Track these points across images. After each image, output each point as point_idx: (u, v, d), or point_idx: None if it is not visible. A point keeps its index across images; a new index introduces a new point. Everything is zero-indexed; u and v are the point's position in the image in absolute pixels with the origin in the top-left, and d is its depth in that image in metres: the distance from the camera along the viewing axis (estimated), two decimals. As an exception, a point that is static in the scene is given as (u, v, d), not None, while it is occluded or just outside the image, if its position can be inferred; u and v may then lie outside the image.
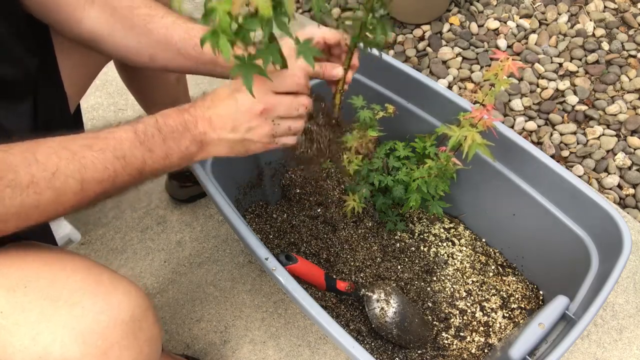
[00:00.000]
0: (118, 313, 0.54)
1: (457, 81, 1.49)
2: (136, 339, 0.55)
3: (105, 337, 0.53)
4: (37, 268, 0.55)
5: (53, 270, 0.55)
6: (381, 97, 1.07)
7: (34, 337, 0.50)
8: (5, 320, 0.51)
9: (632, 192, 1.27)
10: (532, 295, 1.04)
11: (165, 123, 0.60)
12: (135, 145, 0.57)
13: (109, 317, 0.53)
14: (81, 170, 0.53)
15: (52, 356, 0.50)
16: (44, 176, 0.51)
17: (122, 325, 0.54)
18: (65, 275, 0.55)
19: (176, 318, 1.08)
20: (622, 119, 1.36)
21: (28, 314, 0.51)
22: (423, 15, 1.61)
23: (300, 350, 1.03)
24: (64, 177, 0.52)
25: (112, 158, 0.55)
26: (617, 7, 1.60)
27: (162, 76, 1.00)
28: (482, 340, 0.99)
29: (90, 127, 1.41)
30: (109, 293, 0.55)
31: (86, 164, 0.54)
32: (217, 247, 1.18)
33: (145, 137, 0.58)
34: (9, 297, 0.52)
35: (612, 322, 1.05)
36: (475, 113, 0.86)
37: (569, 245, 0.92)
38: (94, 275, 0.56)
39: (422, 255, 1.09)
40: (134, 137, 0.57)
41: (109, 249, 1.18)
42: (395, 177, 1.00)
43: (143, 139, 0.58)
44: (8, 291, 0.52)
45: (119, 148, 0.56)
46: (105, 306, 0.54)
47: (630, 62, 1.47)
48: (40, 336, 0.51)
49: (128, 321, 0.55)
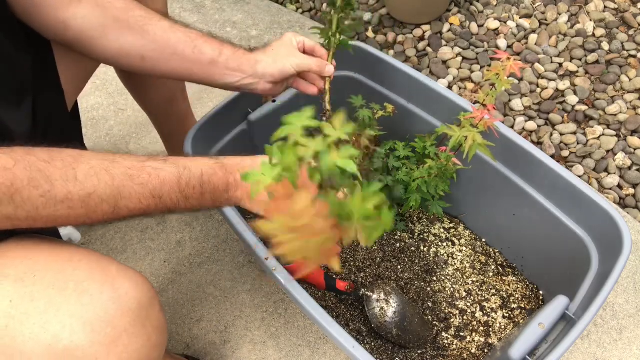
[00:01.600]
0: (126, 301, 0.55)
1: (457, 81, 1.49)
2: (144, 326, 0.56)
3: (114, 325, 0.53)
4: (44, 258, 0.56)
5: (60, 260, 0.56)
6: (381, 97, 1.07)
7: (43, 326, 0.51)
8: (14, 310, 0.51)
9: (632, 192, 1.27)
10: (532, 295, 1.04)
11: (209, 181, 0.62)
12: (175, 190, 0.59)
13: (117, 305, 0.54)
14: (117, 197, 0.55)
15: (61, 344, 0.51)
16: (80, 195, 0.53)
17: (130, 313, 0.54)
18: (72, 264, 0.55)
19: (176, 318, 1.08)
20: (622, 119, 1.36)
21: (37, 303, 0.52)
22: (423, 15, 1.61)
23: (300, 350, 1.03)
24: (99, 200, 0.54)
25: (149, 195, 0.57)
26: (617, 7, 1.60)
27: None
28: (482, 340, 0.99)
29: (90, 127, 1.41)
30: (116, 282, 0.55)
31: (123, 193, 0.55)
32: (217, 247, 1.18)
33: (186, 187, 0.60)
34: (17, 286, 0.52)
35: (612, 322, 1.05)
36: (476, 113, 0.86)
37: (569, 245, 0.92)
38: (101, 264, 0.57)
39: (422, 255, 1.09)
40: (176, 184, 0.59)
41: (109, 249, 1.18)
42: (395, 177, 1.00)
43: (184, 188, 0.60)
44: (17, 281, 0.53)
45: (159, 189, 0.58)
46: (113, 294, 0.54)
47: (630, 62, 1.47)
48: (49, 325, 0.51)
49: (136, 309, 0.55)
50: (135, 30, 0.71)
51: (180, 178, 0.60)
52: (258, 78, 0.78)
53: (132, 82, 1.03)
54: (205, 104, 1.44)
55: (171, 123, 1.13)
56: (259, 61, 0.78)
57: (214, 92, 1.47)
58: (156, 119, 1.13)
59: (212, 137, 0.99)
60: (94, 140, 1.39)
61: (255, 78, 0.78)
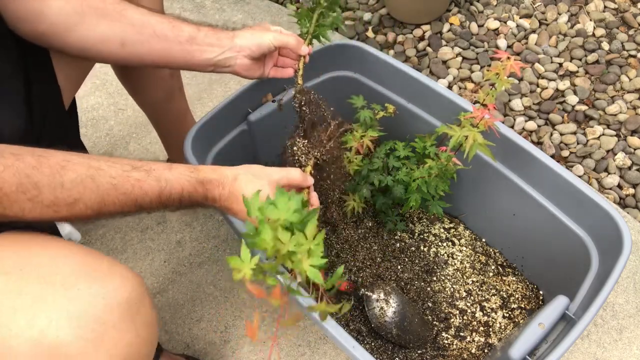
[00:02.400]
0: (114, 296, 0.54)
1: (457, 81, 1.49)
2: (133, 322, 0.55)
3: (102, 321, 0.52)
4: (33, 252, 0.56)
5: (49, 254, 0.56)
6: (381, 97, 1.07)
7: (29, 321, 0.50)
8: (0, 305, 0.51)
9: (632, 192, 1.27)
10: (532, 295, 1.04)
11: (189, 197, 0.65)
12: (155, 202, 0.62)
13: (105, 300, 0.53)
14: (100, 203, 0.58)
15: (47, 339, 0.50)
16: (66, 201, 0.55)
17: (119, 309, 0.54)
18: (61, 260, 0.55)
19: (176, 318, 1.08)
20: (622, 119, 1.36)
21: (24, 298, 0.51)
22: (423, 15, 1.61)
23: (301, 350, 1.03)
24: (84, 206, 0.57)
25: (132, 204, 0.60)
26: (617, 7, 1.60)
27: (156, 71, 1.00)
28: (482, 340, 0.99)
29: (90, 127, 1.41)
30: (105, 276, 0.55)
31: (106, 200, 0.58)
32: (217, 247, 1.18)
33: (167, 200, 0.63)
34: (4, 280, 0.52)
35: (612, 322, 1.05)
36: (476, 113, 0.86)
37: (569, 245, 0.92)
38: (90, 259, 0.57)
39: (422, 255, 1.09)
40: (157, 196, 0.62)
41: (109, 249, 1.18)
42: (395, 177, 1.00)
43: (165, 200, 0.63)
44: (3, 275, 0.52)
45: (140, 199, 0.61)
46: (102, 289, 0.54)
47: (630, 62, 1.47)
48: (36, 320, 0.50)
49: (124, 304, 0.55)
50: (113, 17, 0.72)
51: (162, 192, 0.62)
52: (236, 51, 0.79)
53: (130, 80, 1.03)
54: (205, 104, 1.44)
55: (169, 122, 1.13)
56: (237, 35, 0.80)
57: (214, 92, 1.47)
58: (154, 118, 1.13)
59: (212, 137, 0.99)
60: (94, 140, 1.39)
61: (233, 51, 0.79)
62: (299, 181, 0.73)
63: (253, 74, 0.84)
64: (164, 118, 1.13)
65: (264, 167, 0.71)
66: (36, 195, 0.53)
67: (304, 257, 0.49)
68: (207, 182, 0.66)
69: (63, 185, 0.55)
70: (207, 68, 0.81)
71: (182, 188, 0.64)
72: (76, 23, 0.70)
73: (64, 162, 0.56)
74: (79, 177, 0.56)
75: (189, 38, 0.76)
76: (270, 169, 0.71)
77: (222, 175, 0.67)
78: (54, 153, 0.56)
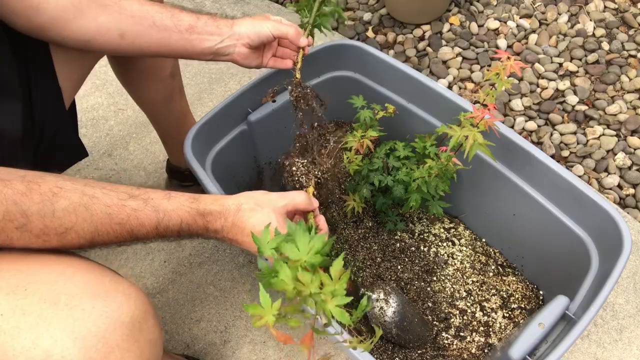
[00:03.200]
0: (118, 315, 0.54)
1: (457, 81, 1.49)
2: (137, 341, 0.55)
3: (106, 340, 0.52)
4: (37, 270, 0.55)
5: (53, 272, 0.55)
6: (381, 97, 1.07)
7: (34, 341, 0.50)
8: (5, 324, 0.51)
9: (632, 192, 1.27)
10: (532, 295, 1.04)
11: (188, 229, 0.63)
12: (152, 233, 0.61)
13: (109, 320, 0.53)
14: (94, 233, 0.56)
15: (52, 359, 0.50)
16: (57, 230, 0.54)
17: (123, 328, 0.54)
18: (65, 277, 0.55)
19: (176, 318, 1.08)
20: (622, 119, 1.36)
21: (28, 317, 0.51)
22: (423, 15, 1.61)
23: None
24: (76, 235, 0.55)
25: (126, 234, 0.59)
26: (617, 7, 1.60)
27: (156, 71, 0.99)
28: (482, 340, 0.99)
29: (90, 127, 1.41)
30: (108, 295, 0.55)
31: (100, 230, 0.57)
32: (217, 247, 1.18)
33: (165, 231, 0.62)
34: (9, 299, 0.52)
35: (612, 322, 1.05)
36: (476, 113, 0.86)
37: (569, 245, 0.92)
38: (95, 277, 0.56)
39: (422, 255, 1.09)
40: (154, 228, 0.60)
41: (109, 249, 1.18)
42: (395, 177, 1.00)
43: (162, 231, 0.61)
44: (8, 294, 0.52)
45: (136, 229, 0.59)
46: (105, 308, 0.54)
47: (630, 62, 1.47)
48: (41, 339, 0.50)
49: (128, 323, 0.55)
50: (112, 8, 0.71)
51: (159, 224, 0.61)
52: (235, 39, 0.80)
53: (130, 81, 1.03)
54: (205, 104, 1.44)
55: (169, 122, 1.13)
56: (236, 23, 0.80)
57: (214, 92, 1.47)
58: (154, 118, 1.13)
59: (212, 137, 0.99)
60: (94, 140, 1.39)
61: (232, 39, 0.79)
62: (304, 205, 0.71)
63: (251, 63, 0.84)
64: (164, 118, 1.13)
65: (266, 193, 0.69)
66: (24, 224, 0.52)
67: (328, 297, 0.47)
68: (208, 214, 0.64)
69: (54, 213, 0.53)
70: (207, 57, 0.81)
71: (181, 219, 0.62)
72: (75, 15, 0.69)
73: (56, 188, 0.54)
74: (72, 205, 0.54)
75: (188, 27, 0.76)
76: (273, 195, 0.69)
77: (223, 206, 0.66)
78: (47, 179, 0.55)
